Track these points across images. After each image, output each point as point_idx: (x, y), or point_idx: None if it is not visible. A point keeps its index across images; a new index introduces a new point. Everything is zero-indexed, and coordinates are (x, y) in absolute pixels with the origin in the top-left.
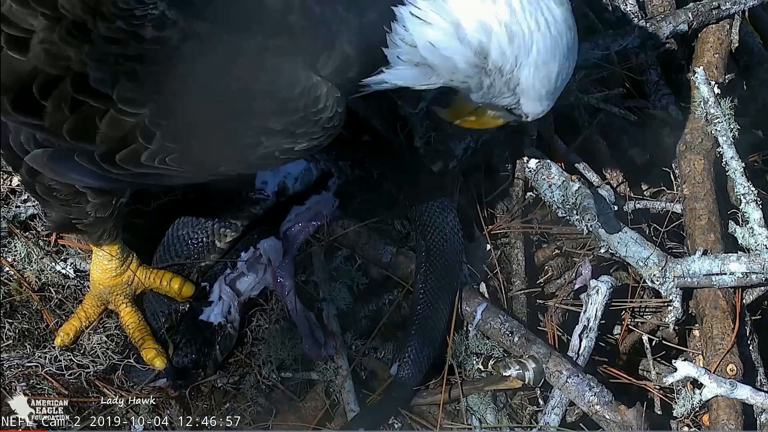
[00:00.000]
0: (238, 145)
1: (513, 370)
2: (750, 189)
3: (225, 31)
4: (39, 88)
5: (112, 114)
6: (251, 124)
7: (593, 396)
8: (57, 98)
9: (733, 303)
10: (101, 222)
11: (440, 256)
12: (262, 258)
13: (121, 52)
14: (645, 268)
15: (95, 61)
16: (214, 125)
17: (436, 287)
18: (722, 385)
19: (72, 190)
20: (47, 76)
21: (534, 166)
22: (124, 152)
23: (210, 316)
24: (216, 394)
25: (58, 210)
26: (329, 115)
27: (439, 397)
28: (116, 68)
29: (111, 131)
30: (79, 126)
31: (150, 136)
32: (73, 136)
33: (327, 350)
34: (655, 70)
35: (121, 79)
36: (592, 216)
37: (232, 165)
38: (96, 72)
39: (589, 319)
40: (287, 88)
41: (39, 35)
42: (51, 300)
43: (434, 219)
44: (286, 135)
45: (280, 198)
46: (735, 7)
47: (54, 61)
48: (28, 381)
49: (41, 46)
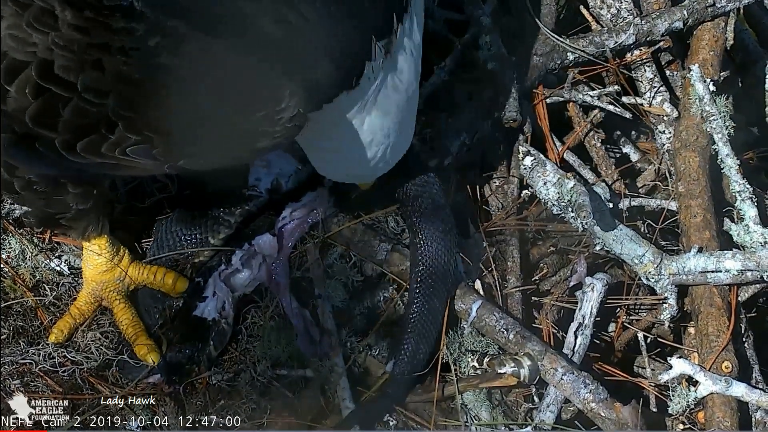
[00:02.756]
0: (199, 140)
1: (508, 368)
2: (745, 186)
3: (194, 27)
4: (4, 73)
5: (75, 102)
6: (214, 120)
7: (588, 393)
8: (21, 83)
9: (728, 300)
10: (83, 214)
11: (434, 253)
12: (257, 254)
13: (88, 41)
14: (640, 266)
15: (61, 48)
16: (177, 119)
17: (431, 284)
18: (717, 382)
19: (52, 182)
20: (12, 62)
21: (529, 164)
22: (85, 141)
23: (204, 311)
24: (211, 391)
25: (38, 205)
26: (290, 114)
27: (434, 394)
28: (82, 56)
29: (74, 119)
30: (42, 112)
31: (112, 127)
32: (35, 122)
33: (322, 347)
34: (650, 68)
35: (86, 67)
36: (587, 213)
37: (192, 159)
38: (61, 59)
39: (584, 316)
40: (251, 86)
41: (6, 20)
42: (45, 297)
43: (427, 216)
44: (247, 132)
45: (273, 195)
46: (730, 4)
47: (20, 46)
48: (23, 378)
49: (8, 31)
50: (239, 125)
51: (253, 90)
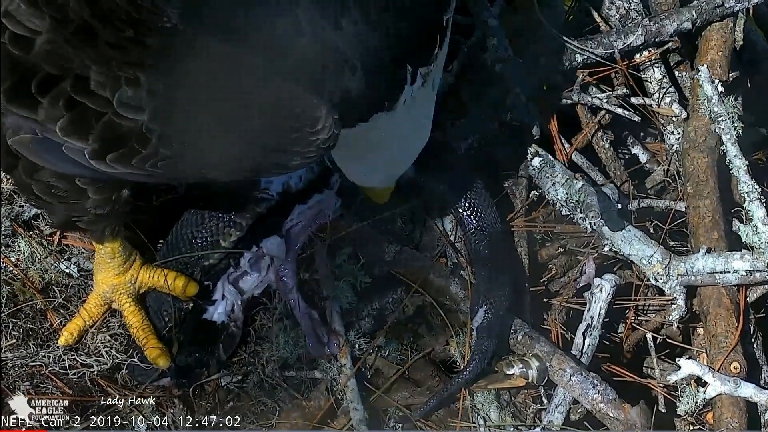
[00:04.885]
0: (232, 157)
1: (516, 369)
2: (754, 187)
3: (232, 46)
4: (38, 85)
5: (109, 117)
6: (247, 139)
7: (597, 394)
8: (55, 96)
9: (736, 301)
10: (102, 219)
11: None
12: (265, 256)
13: (125, 59)
14: (649, 266)
15: (98, 64)
16: (212, 137)
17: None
18: (726, 383)
19: (71, 187)
20: (47, 75)
21: (537, 164)
22: (116, 153)
23: (213, 314)
24: (219, 393)
25: (58, 209)
26: (326, 137)
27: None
28: (118, 73)
29: (106, 133)
30: (74, 124)
31: (145, 142)
32: (66, 132)
33: (330, 349)
34: (658, 68)
35: (123, 84)
36: (595, 214)
37: (223, 174)
38: (97, 76)
39: (592, 317)
40: (287, 107)
41: (44, 36)
42: (55, 299)
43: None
44: (280, 152)
45: (283, 197)
46: (739, 4)
47: (56, 61)
48: (32, 380)
49: (45, 46)
50: (273, 145)
51: (289, 110)
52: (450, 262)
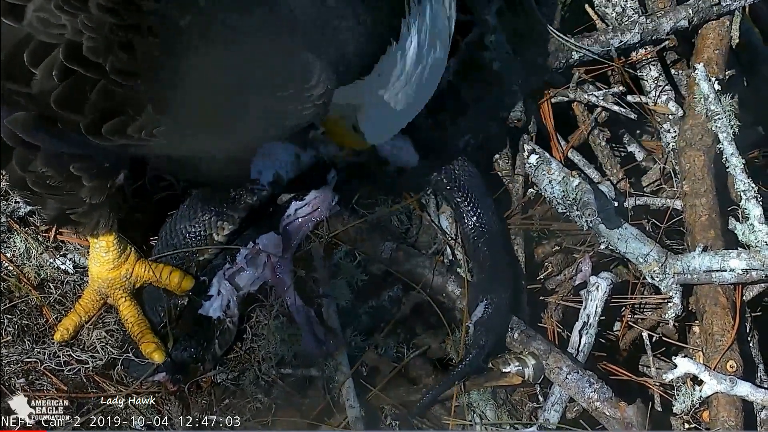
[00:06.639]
0: (229, 119)
1: (513, 367)
2: (750, 185)
3: (225, 8)
4: (30, 55)
5: (103, 84)
6: (242, 100)
7: (593, 392)
8: (48, 66)
9: (733, 299)
10: (96, 209)
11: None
12: (262, 253)
13: (118, 22)
14: (645, 265)
15: (90, 29)
16: (207, 99)
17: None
18: (722, 381)
19: (66, 175)
20: (39, 44)
21: (534, 162)
22: (111, 123)
23: (209, 310)
24: (215, 390)
25: (51, 202)
26: (320, 92)
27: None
28: (111, 38)
29: (100, 101)
30: (67, 95)
31: (140, 108)
32: (60, 105)
33: (327, 347)
34: (655, 66)
35: (115, 49)
36: (592, 212)
37: (219, 140)
38: (90, 41)
39: (588, 315)
40: (280, 64)
41: (35, 3)
42: (50, 296)
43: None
44: (275, 110)
45: (275, 189)
46: (736, 3)
47: (48, 28)
48: (27, 377)
49: (36, 14)
50: (268, 104)
51: (283, 68)
52: (447, 260)
